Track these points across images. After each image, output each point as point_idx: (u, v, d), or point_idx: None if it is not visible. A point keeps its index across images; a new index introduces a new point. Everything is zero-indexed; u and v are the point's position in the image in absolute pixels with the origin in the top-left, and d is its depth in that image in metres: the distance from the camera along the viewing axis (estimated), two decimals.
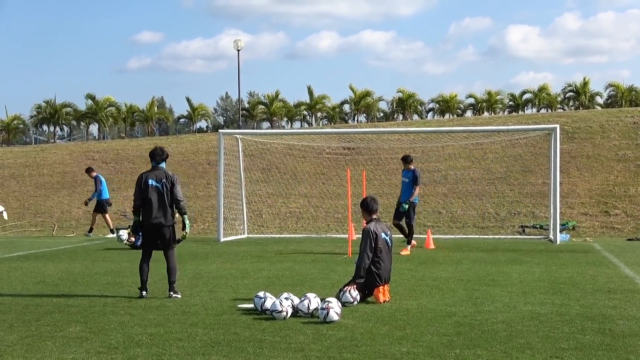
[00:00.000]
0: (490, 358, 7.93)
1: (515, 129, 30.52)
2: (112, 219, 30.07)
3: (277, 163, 34.65)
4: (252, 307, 10.83)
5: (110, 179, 37.99)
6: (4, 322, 10.19)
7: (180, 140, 46.85)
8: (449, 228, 28.36)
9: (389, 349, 8.31)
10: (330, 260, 18.14)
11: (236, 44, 55.89)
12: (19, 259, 19.44)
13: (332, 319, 9.85)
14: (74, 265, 17.84)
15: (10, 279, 15.17)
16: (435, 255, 19.30)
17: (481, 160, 35.18)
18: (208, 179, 36.42)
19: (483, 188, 32.30)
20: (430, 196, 31.98)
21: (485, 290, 12.69)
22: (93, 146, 47.92)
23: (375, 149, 35.56)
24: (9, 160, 43.53)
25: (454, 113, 72.64)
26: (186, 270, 16.08)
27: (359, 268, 11.62)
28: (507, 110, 74.64)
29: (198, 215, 32.10)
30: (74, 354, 8.25)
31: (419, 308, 10.95)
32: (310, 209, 31.72)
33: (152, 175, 12.60)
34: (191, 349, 8.46)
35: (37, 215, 34.24)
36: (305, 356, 8.05)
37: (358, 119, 74.51)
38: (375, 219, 12.13)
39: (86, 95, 70.74)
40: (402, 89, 73.53)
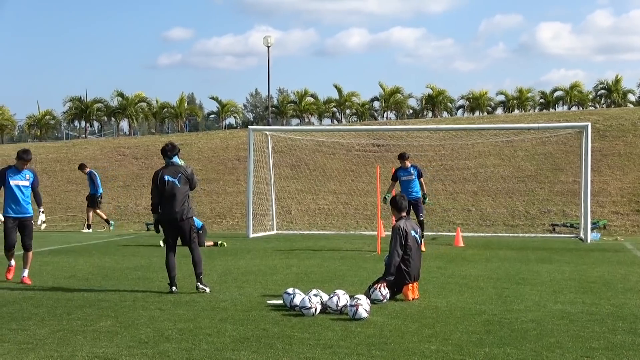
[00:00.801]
0: (520, 357, 7.89)
1: (546, 127, 30.31)
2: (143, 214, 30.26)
3: (307, 160, 34.66)
4: (281, 304, 10.86)
5: (140, 174, 38.25)
6: (35, 316, 10.29)
7: (210, 137, 47.00)
8: (479, 226, 28.23)
9: (418, 347, 8.30)
10: (359, 257, 18.14)
11: (266, 41, 55.98)
12: (50, 254, 19.60)
13: (361, 316, 9.85)
14: (105, 260, 17.97)
15: (41, 273, 15.31)
16: (464, 253, 19.23)
17: (511, 158, 34.96)
18: (237, 175, 36.49)
19: (513, 186, 32.10)
20: (459, 194, 31.86)
21: (515, 289, 12.63)
22: (124, 142, 48.20)
23: (404, 146, 35.36)
24: (41, 156, 43.87)
25: (484, 110, 72.28)
26: (215, 266, 16.16)
27: (390, 266, 11.60)
28: (538, 108, 74.21)
29: (227, 211, 32.19)
30: (105, 348, 8.31)
31: (448, 306, 10.92)
32: (339, 205, 31.70)
33: (168, 171, 12.64)
34: (220, 344, 8.49)
35: (68, 210, 34.51)
36: (334, 353, 8.05)
37: (387, 116, 74.38)
38: (405, 216, 12.12)
39: (115, 93, 71.17)
40: (432, 86, 73.32)
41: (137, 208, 33.68)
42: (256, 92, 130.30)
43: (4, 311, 10.70)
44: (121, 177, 38.75)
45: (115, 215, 33.09)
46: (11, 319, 10.11)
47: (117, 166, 40.82)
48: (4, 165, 23.00)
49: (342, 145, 35.71)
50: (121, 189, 36.89)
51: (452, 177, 33.57)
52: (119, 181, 38.19)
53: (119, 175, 39.11)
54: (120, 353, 8.09)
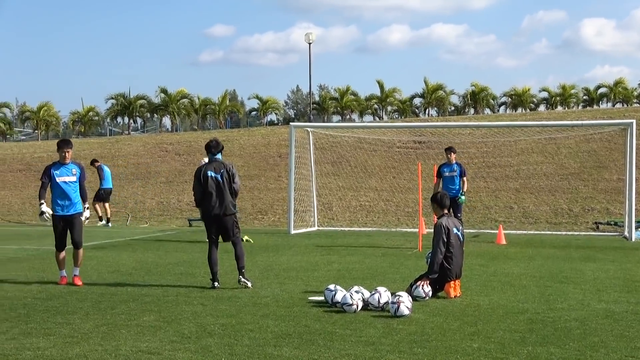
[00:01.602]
0: (563, 356, 7.82)
1: (589, 124, 29.97)
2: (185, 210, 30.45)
3: (348, 156, 34.67)
4: (322, 300, 10.88)
5: (182, 170, 38.51)
6: (80, 310, 10.42)
7: (251, 133, 47.20)
8: (521, 224, 28.01)
9: (460, 345, 8.27)
10: (400, 254, 18.10)
11: (307, 37, 56.08)
12: (94, 249, 19.81)
13: (403, 313, 9.84)
14: (148, 255, 18.13)
15: (86, 268, 15.47)
16: (506, 251, 19.11)
17: (554, 155, 34.67)
18: (279, 172, 36.60)
19: (556, 183, 31.82)
20: (502, 191, 31.66)
21: (558, 287, 12.53)
22: (166, 138, 48.58)
23: (446, 143, 35.24)
24: (85, 152, 44.34)
25: (527, 107, 71.68)
26: (257, 262, 16.22)
27: (433, 263, 11.57)
28: (582, 105, 73.43)
29: (269, 207, 32.29)
30: (148, 343, 8.39)
31: (491, 304, 10.86)
32: (381, 202, 31.66)
33: (211, 167, 12.71)
34: (262, 340, 8.53)
35: (112, 206, 34.83)
36: (376, 350, 8.05)
37: (429, 112, 74.08)
38: (447, 214, 12.07)
39: (158, 90, 71.65)
40: (475, 83, 72.85)
41: (180, 204, 33.91)
42: (297, 88, 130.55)
43: (50, 305, 10.85)
44: (164, 173, 39.07)
45: (158, 210, 33.36)
46: (56, 312, 10.25)
47: (159, 162, 41.17)
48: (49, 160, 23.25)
49: (383, 142, 35.66)
50: (164, 185, 37.17)
51: (494, 175, 33.38)
52: (162, 177, 38.51)
53: (161, 171, 39.44)
54: (164, 347, 8.16)
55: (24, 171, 42.13)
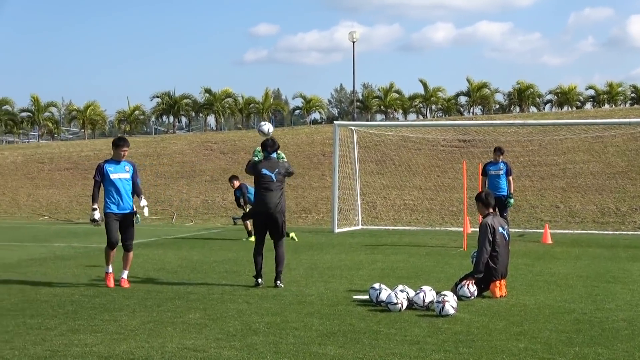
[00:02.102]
0: (611, 357, 7.73)
1: (637, 122, 29.54)
2: (230, 209, 30.58)
3: (392, 155, 34.57)
4: (367, 299, 10.86)
5: (227, 169, 38.68)
6: (127, 307, 10.52)
7: (295, 132, 47.29)
8: (567, 223, 27.73)
9: (506, 345, 8.21)
10: (445, 253, 18.03)
11: (351, 36, 55.98)
12: (140, 246, 19.98)
13: (448, 313, 9.79)
14: (193, 253, 18.27)
15: (132, 265, 15.57)
16: (553, 250, 18.93)
17: (601, 153, 34.26)
18: (323, 171, 36.62)
19: (603, 182, 31.45)
20: (547, 190, 31.36)
21: (605, 287, 12.38)
22: (211, 137, 48.84)
23: (491, 142, 35.00)
24: (131, 150, 44.57)
25: (573, 105, 70.90)
26: (302, 260, 16.26)
27: (478, 263, 11.50)
28: (629, 103, 72.40)
29: (313, 206, 32.33)
30: (194, 340, 8.44)
31: (537, 304, 10.76)
32: (425, 201, 31.54)
33: (265, 165, 12.79)
34: (307, 338, 8.54)
35: (157, 204, 35.12)
36: (421, 349, 8.02)
37: (474, 111, 73.61)
38: (492, 213, 11.99)
39: (203, 89, 72.01)
40: (521, 81, 72.20)
41: (224, 202, 34.08)
42: (341, 87, 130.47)
43: (97, 302, 10.97)
44: (208, 172, 39.29)
45: (202, 209, 33.57)
46: (104, 309, 10.36)
47: (204, 161, 41.41)
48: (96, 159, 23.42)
49: (427, 140, 35.50)
50: (208, 184, 37.39)
51: (539, 173, 33.07)
52: (207, 176, 38.73)
53: (206, 170, 39.67)
54: (209, 345, 8.21)
55: (71, 170, 42.65)
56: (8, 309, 10.45)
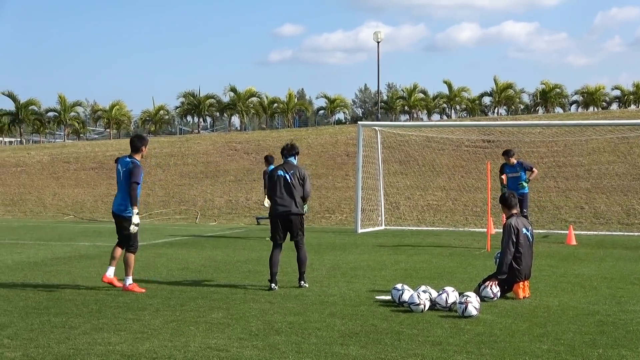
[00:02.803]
0: (635, 359, 7.67)
1: None
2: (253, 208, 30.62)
3: (416, 155, 34.50)
4: (389, 299, 10.86)
5: (251, 169, 38.78)
6: (150, 307, 10.57)
7: (319, 132, 47.31)
8: (592, 224, 27.56)
9: (529, 346, 8.17)
10: (468, 254, 17.97)
11: (376, 36, 55.92)
12: (164, 246, 20.11)
13: (471, 314, 9.77)
14: (216, 252, 18.32)
15: (156, 264, 15.73)
16: (577, 251, 18.82)
17: (627, 154, 34.02)
18: (346, 171, 36.62)
19: (628, 183, 31.22)
20: (572, 191, 31.18)
21: (629, 289, 12.30)
22: (235, 137, 48.97)
23: (515, 142, 34.90)
24: (156, 150, 44.97)
25: (599, 106, 70.45)
26: (324, 260, 16.27)
27: (502, 264, 11.46)
28: None
29: (336, 206, 32.32)
30: (217, 340, 8.47)
31: (560, 305, 10.71)
32: (449, 201, 31.45)
33: (281, 167, 12.83)
34: (329, 338, 8.55)
35: (181, 204, 35.28)
36: (443, 350, 8.01)
37: (498, 111, 73.34)
38: (516, 213, 11.94)
39: (228, 88, 72.22)
40: (546, 81, 71.84)
41: (248, 202, 34.17)
42: (365, 87, 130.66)
43: (121, 301, 11.04)
44: (232, 172, 39.40)
45: (226, 209, 33.66)
46: (127, 308, 10.42)
47: (228, 161, 41.54)
48: None
49: (451, 140, 35.42)
50: (232, 184, 37.49)
51: (564, 174, 32.89)
52: (230, 175, 38.84)
53: (230, 170, 39.78)
54: (232, 344, 8.24)
55: (97, 169, 42.92)
56: (33, 307, 10.54)
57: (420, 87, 74.32)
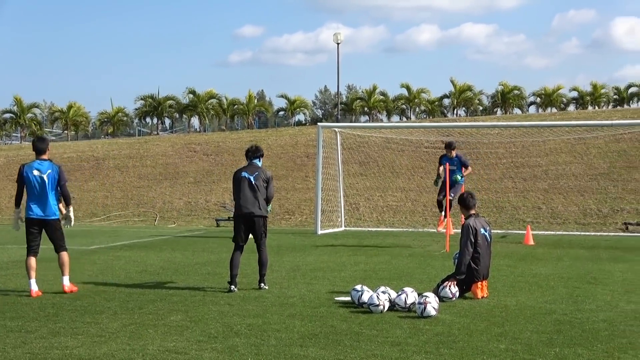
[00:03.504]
0: (591, 357, 7.76)
1: (619, 124, 29.72)
2: (213, 210, 30.50)
3: (375, 156, 34.63)
4: (349, 300, 10.87)
5: (210, 171, 38.65)
6: (108, 310, 10.49)
7: (279, 133, 47.28)
8: (549, 224, 27.86)
9: (487, 346, 8.23)
10: (427, 255, 18.06)
11: (336, 37, 56.02)
12: (122, 248, 19.96)
13: (430, 314, 9.81)
14: (175, 255, 18.23)
15: (114, 267, 15.60)
16: (534, 251, 19.00)
17: (584, 155, 34.44)
18: (306, 172, 36.64)
19: (585, 184, 31.60)
20: (530, 191, 31.49)
21: (586, 288, 12.44)
22: (194, 138, 48.77)
23: (474, 143, 35.16)
24: (114, 152, 44.65)
25: (557, 107, 71.15)
26: (284, 262, 16.25)
27: (460, 264, 11.53)
28: (612, 105, 72.76)
29: (296, 207, 32.32)
30: (175, 342, 8.42)
31: (518, 305, 10.80)
32: (408, 202, 31.60)
33: (245, 169, 12.84)
34: (289, 340, 8.54)
35: (140, 206, 35.05)
36: (402, 350, 8.03)
37: (457, 113, 73.77)
38: (474, 214, 12.02)
39: (187, 90, 71.85)
40: (504, 83, 72.40)
41: (207, 204, 34.04)
42: (325, 88, 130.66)
43: (78, 304, 10.93)
44: (192, 174, 39.23)
45: (185, 211, 33.50)
46: (85, 312, 10.32)
47: (188, 162, 41.35)
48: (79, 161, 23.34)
49: (411, 142, 35.58)
50: (191, 185, 37.33)
51: (522, 175, 33.21)
52: (190, 177, 38.67)
53: (189, 172, 39.60)
54: (191, 347, 8.20)
55: None
56: None
57: (380, 89, 74.51)
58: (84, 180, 40.37)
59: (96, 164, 42.93)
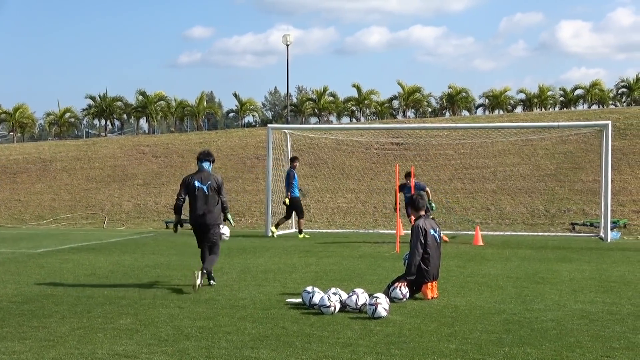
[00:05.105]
0: (539, 356, 7.85)
1: (566, 125, 30.12)
2: (162, 212, 30.26)
3: (325, 158, 34.69)
4: (300, 302, 10.86)
5: (159, 173, 38.37)
6: (56, 314, 10.35)
7: (229, 135, 47.10)
8: (498, 225, 28.15)
9: (437, 346, 8.28)
10: (377, 256, 18.12)
11: (285, 39, 56.00)
12: (70, 251, 19.71)
13: (380, 315, 9.84)
14: (125, 257, 18.05)
15: (62, 270, 15.40)
16: (483, 252, 19.17)
17: (531, 156, 34.85)
18: (256, 174, 36.56)
19: (533, 185, 31.99)
20: (479, 192, 31.78)
21: (534, 288, 12.58)
22: (143, 140, 48.38)
23: (423, 145, 35.44)
24: (61, 154, 44.11)
25: (505, 109, 71.93)
26: (234, 264, 16.19)
27: (410, 265, 11.58)
28: (558, 107, 73.77)
29: (246, 209, 32.24)
30: (125, 346, 8.34)
31: (468, 305, 10.88)
32: (358, 204, 31.70)
33: (197, 177, 13.07)
34: (240, 342, 8.51)
35: (88, 208, 34.68)
36: (353, 351, 8.05)
37: (407, 114, 74.22)
38: (424, 215, 12.09)
39: (137, 92, 71.30)
40: (452, 85, 73.01)
41: (157, 206, 33.80)
42: (275, 90, 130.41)
43: (25, 308, 10.77)
44: (141, 176, 38.91)
45: (135, 213, 33.22)
46: (32, 316, 10.17)
47: (136, 164, 41.00)
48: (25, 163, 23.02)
49: (361, 143, 35.71)
50: (140, 187, 37.03)
51: (471, 176, 33.51)
52: (139, 179, 38.35)
53: (138, 174, 39.27)
54: (141, 351, 8.12)
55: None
56: None
57: (330, 90, 74.64)
58: (31, 182, 39.84)
59: (43, 166, 42.38)
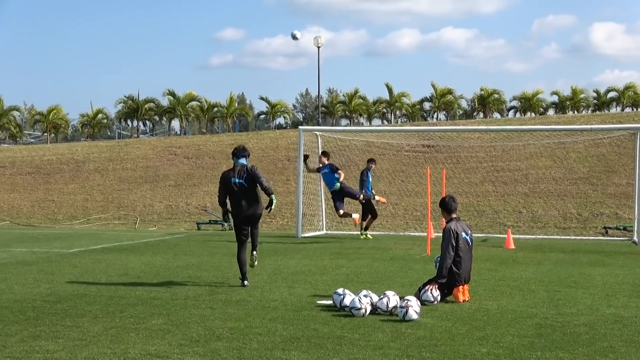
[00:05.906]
0: None
1: (599, 128, 29.89)
2: (194, 213, 30.36)
3: (356, 160, 34.61)
4: (331, 304, 10.87)
5: (191, 174, 38.53)
6: (89, 313, 10.43)
7: (260, 137, 47.19)
8: (530, 228, 27.96)
9: (469, 349, 8.25)
10: (408, 259, 18.08)
11: (316, 41, 55.98)
12: (103, 251, 19.86)
13: (411, 318, 9.82)
14: (156, 258, 18.16)
15: (94, 270, 15.53)
16: (515, 255, 19.06)
17: (563, 159, 34.59)
18: (287, 175, 36.60)
19: (565, 188, 31.75)
20: (510, 195, 31.60)
21: (567, 292, 12.49)
22: (175, 141, 48.59)
23: (455, 147, 35.30)
24: (94, 155, 44.42)
25: (536, 111, 71.53)
26: (265, 265, 16.22)
27: (442, 268, 11.55)
28: (591, 109, 73.21)
29: (277, 211, 32.27)
30: (157, 346, 8.39)
31: (499, 309, 10.83)
32: (389, 206, 31.61)
33: (234, 173, 13.30)
34: (271, 343, 8.53)
35: (120, 209, 34.90)
36: (384, 354, 8.04)
37: (438, 116, 74.02)
38: (455, 217, 12.04)
39: (166, 92, 71.67)
40: (484, 87, 72.74)
41: (188, 207, 33.94)
42: (306, 92, 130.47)
43: (58, 308, 10.87)
44: (172, 177, 39.09)
45: (166, 214, 33.39)
46: (65, 315, 10.26)
47: (168, 165, 41.19)
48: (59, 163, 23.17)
49: (391, 145, 35.62)
50: (172, 188, 37.20)
51: (502, 179, 33.32)
52: (170, 180, 38.53)
53: (170, 175, 39.46)
54: (172, 351, 8.17)
55: (33, 174, 42.22)
56: None
57: (360, 92, 74.65)
58: (64, 183, 40.16)
59: (76, 166, 42.69)
